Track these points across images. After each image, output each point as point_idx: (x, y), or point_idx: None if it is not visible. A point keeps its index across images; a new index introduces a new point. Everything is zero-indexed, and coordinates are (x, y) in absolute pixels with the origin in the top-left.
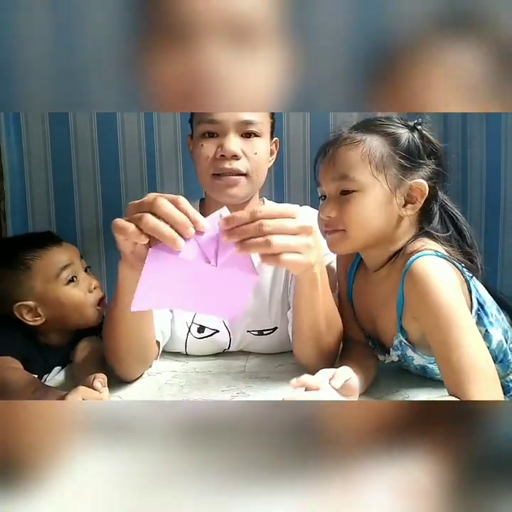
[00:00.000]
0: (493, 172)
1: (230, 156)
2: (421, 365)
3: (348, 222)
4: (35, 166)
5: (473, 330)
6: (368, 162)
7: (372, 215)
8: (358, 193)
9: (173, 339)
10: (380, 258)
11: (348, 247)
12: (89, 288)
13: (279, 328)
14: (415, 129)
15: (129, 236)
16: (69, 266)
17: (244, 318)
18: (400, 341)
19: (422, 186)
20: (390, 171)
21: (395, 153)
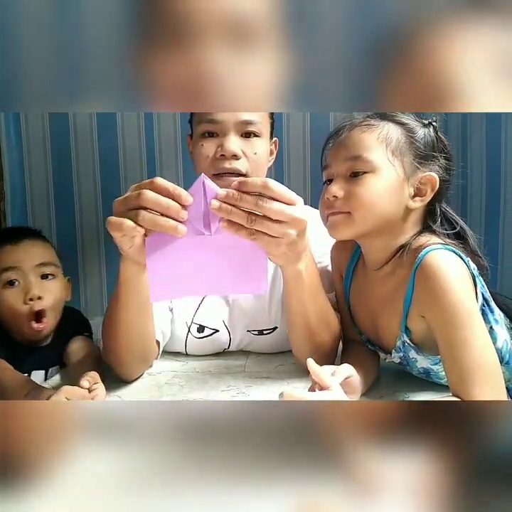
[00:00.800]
0: (493, 172)
1: (229, 156)
2: (424, 368)
3: (355, 203)
4: (35, 166)
5: (482, 329)
6: (385, 145)
7: (381, 198)
8: (370, 175)
9: (173, 339)
10: (383, 254)
11: (351, 230)
12: (25, 298)
13: (279, 328)
14: (430, 125)
15: (125, 230)
16: (12, 269)
17: (244, 318)
18: (402, 342)
19: (433, 179)
20: (406, 157)
21: (413, 140)
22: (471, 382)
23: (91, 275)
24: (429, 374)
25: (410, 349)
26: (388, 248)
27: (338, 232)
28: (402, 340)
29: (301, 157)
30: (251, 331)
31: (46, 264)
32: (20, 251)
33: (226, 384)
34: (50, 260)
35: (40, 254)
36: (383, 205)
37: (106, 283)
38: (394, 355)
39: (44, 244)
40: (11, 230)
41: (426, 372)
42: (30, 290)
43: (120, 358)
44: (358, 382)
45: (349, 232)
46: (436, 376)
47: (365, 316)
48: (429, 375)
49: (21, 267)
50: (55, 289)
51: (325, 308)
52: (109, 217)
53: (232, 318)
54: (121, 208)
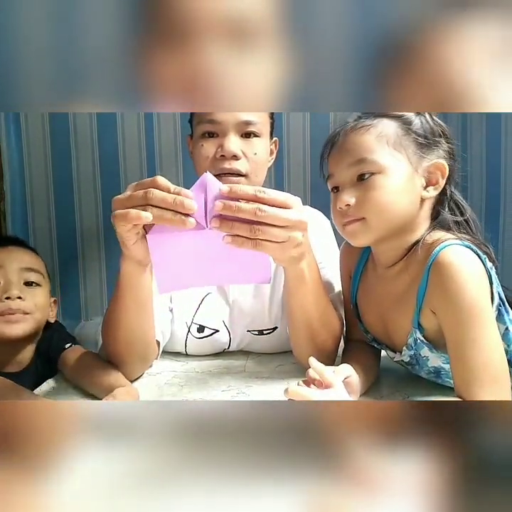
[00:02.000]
0: (493, 172)
1: (229, 157)
2: (435, 368)
3: (369, 208)
4: (35, 166)
5: (493, 329)
6: (385, 142)
7: (395, 197)
8: (378, 176)
9: (173, 339)
10: (396, 252)
11: (370, 236)
12: (1, 296)
13: (279, 328)
14: (423, 114)
15: (132, 220)
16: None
17: (244, 318)
18: (414, 339)
19: (441, 165)
20: (409, 149)
21: (411, 131)
22: (477, 384)
23: (91, 275)
24: (440, 374)
25: (423, 346)
26: (402, 246)
27: (357, 240)
28: (414, 337)
29: (301, 157)
30: (251, 331)
31: (32, 270)
32: (6, 252)
33: (226, 384)
34: (36, 267)
35: (27, 259)
36: (399, 204)
37: (106, 283)
38: (404, 353)
39: (32, 253)
40: (0, 237)
41: (436, 371)
42: (9, 290)
43: (120, 358)
44: (357, 382)
45: (368, 238)
46: (446, 376)
47: (374, 314)
48: (440, 375)
49: (5, 267)
50: (39, 297)
51: (326, 308)
52: (116, 211)
53: (232, 318)
54: (125, 205)
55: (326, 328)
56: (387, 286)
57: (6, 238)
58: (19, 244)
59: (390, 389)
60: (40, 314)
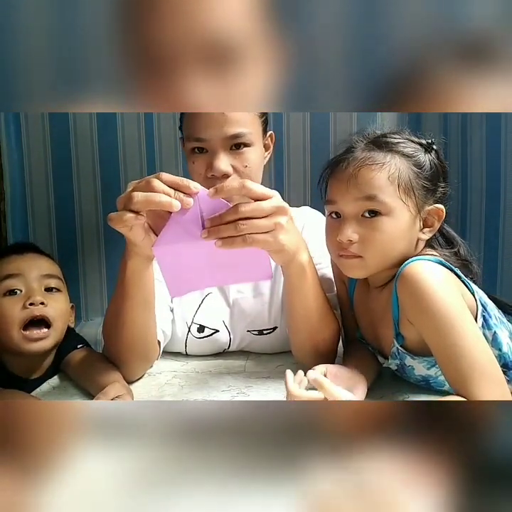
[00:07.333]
0: (493, 172)
1: (220, 176)
2: (423, 376)
3: (370, 248)
4: (35, 166)
5: (471, 329)
6: (397, 185)
7: (396, 241)
8: (385, 218)
9: (173, 339)
10: (386, 278)
11: (366, 272)
12: (24, 303)
13: (279, 328)
14: (432, 149)
15: (127, 221)
16: (15, 276)
17: (244, 318)
18: (397, 349)
19: (440, 211)
20: (416, 193)
21: (421, 176)
22: (468, 382)
23: (91, 275)
24: (429, 382)
25: (405, 356)
26: (392, 273)
27: (352, 273)
28: (396, 347)
29: (301, 157)
30: (251, 331)
31: (52, 277)
32: (25, 259)
33: (226, 384)
34: (55, 273)
35: (46, 266)
36: (398, 246)
37: (106, 283)
38: (391, 362)
39: (49, 259)
40: (17, 244)
41: (425, 380)
42: (32, 296)
43: (123, 358)
44: (364, 384)
45: (363, 273)
46: (436, 383)
47: (366, 322)
48: (429, 383)
49: (25, 274)
50: (61, 303)
51: (326, 307)
52: (109, 215)
53: (233, 318)
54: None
55: (326, 326)
56: (374, 299)
57: (22, 246)
58: (36, 251)
59: (390, 389)
60: (61, 322)
